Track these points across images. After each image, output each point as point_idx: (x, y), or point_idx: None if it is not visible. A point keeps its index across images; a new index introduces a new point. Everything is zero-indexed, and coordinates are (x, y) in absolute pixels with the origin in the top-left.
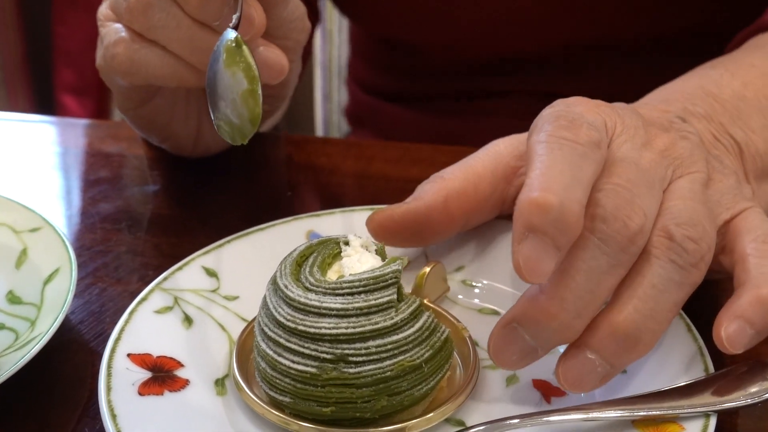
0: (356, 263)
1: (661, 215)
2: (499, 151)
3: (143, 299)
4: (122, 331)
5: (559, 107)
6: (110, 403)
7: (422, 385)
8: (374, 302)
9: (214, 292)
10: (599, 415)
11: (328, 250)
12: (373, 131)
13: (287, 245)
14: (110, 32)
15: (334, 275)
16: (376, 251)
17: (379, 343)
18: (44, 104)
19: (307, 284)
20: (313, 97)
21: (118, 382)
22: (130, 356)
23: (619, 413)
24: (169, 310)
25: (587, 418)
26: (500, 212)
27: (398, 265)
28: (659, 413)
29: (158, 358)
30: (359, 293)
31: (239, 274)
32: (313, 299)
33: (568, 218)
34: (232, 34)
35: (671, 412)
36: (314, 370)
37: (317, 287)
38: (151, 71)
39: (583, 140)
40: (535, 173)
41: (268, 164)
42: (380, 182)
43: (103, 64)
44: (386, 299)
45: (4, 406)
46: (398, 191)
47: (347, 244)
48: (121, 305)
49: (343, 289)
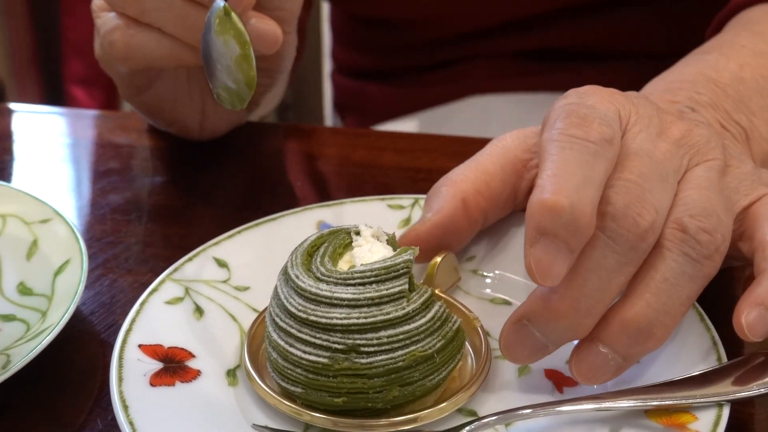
0: (367, 253)
1: (675, 206)
2: (506, 145)
3: (154, 290)
4: (133, 321)
5: (571, 99)
6: (122, 394)
7: (434, 375)
8: (386, 292)
9: (225, 282)
10: (612, 404)
11: (339, 240)
12: (358, 116)
13: (297, 235)
14: (105, 21)
15: (345, 265)
16: (387, 241)
17: (390, 333)
18: (53, 96)
19: (318, 274)
20: (321, 87)
21: (129, 372)
22: (141, 347)
23: (631, 403)
24: (180, 300)
25: (600, 407)
26: (514, 207)
27: (409, 254)
28: (672, 403)
29: (169, 348)
30: (370, 283)
31: (250, 264)
32: (324, 289)
33: (579, 220)
34: (220, 3)
35: (684, 401)
36: (326, 360)
37: (328, 277)
38: (148, 54)
39: (594, 138)
40: (546, 174)
41: (277, 155)
42: (390, 172)
43: (101, 53)
44: (398, 289)
45: (15, 397)
46: (408, 181)
47: (358, 234)
48: (131, 296)
49: (354, 279)
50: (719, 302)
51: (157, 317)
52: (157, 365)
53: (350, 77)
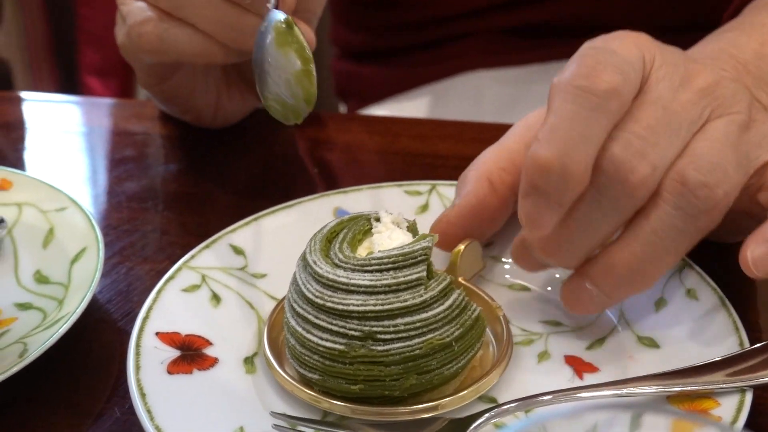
0: (386, 240)
1: (681, 157)
2: (528, 123)
3: (171, 278)
4: (150, 309)
5: (594, 43)
6: (139, 381)
7: (452, 363)
8: (403, 279)
9: (242, 270)
10: (633, 390)
11: (358, 226)
12: (358, 100)
13: (314, 222)
14: (134, 11)
15: (364, 252)
16: (407, 228)
17: (407, 320)
18: (69, 86)
19: (336, 260)
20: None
21: (146, 360)
22: (158, 335)
23: (653, 389)
24: (196, 288)
25: (620, 394)
26: None
27: (428, 242)
28: (694, 388)
29: (187, 336)
30: (388, 270)
31: (267, 251)
32: (341, 276)
33: (569, 179)
34: (280, 15)
35: (706, 387)
36: (342, 347)
37: (346, 264)
38: (180, 49)
39: (599, 90)
40: (545, 128)
41: (293, 142)
42: (407, 158)
43: (127, 42)
44: (415, 276)
45: (32, 386)
46: (426, 167)
47: (378, 220)
48: (148, 284)
49: (371, 265)
50: (741, 287)
51: (174, 305)
52: (174, 353)
53: (348, 60)
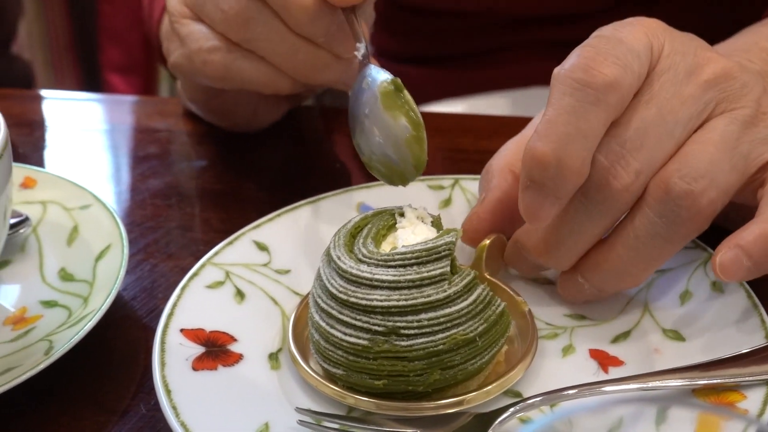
0: (410, 235)
1: (671, 161)
2: None
3: (195, 274)
4: (175, 306)
5: (602, 31)
6: (165, 378)
7: (476, 359)
8: (426, 274)
9: (265, 266)
10: (658, 384)
11: (382, 221)
12: None
13: (338, 217)
14: (197, 36)
15: (388, 247)
16: (432, 223)
17: (431, 316)
18: (91, 84)
19: (359, 256)
20: None
21: (171, 357)
22: (183, 331)
23: (679, 382)
24: (220, 284)
25: (646, 387)
26: None
27: (452, 236)
28: (720, 381)
29: (211, 332)
30: (411, 265)
31: (290, 247)
32: (365, 271)
33: (565, 174)
34: (383, 73)
35: (732, 380)
36: (366, 342)
37: (369, 259)
38: (246, 79)
39: (597, 83)
40: (542, 121)
41: (316, 137)
42: (430, 152)
43: (186, 64)
44: (439, 271)
45: (58, 383)
46: (448, 161)
47: (402, 215)
48: (172, 281)
49: (395, 260)
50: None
51: (198, 301)
52: (199, 349)
53: (390, 60)
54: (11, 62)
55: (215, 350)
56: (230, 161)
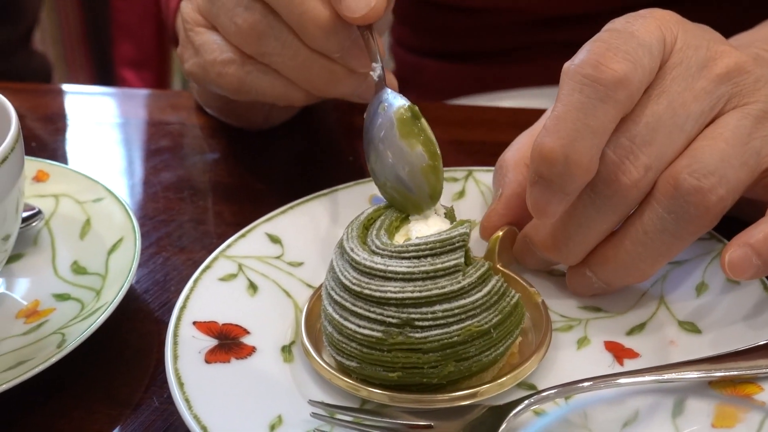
0: (424, 226)
1: (680, 158)
2: None
3: (207, 267)
4: (187, 299)
5: (615, 24)
6: (177, 371)
7: (491, 350)
8: (441, 266)
9: (278, 258)
10: (674, 376)
11: (395, 213)
12: (417, 90)
13: (350, 210)
14: (212, 47)
15: (401, 239)
16: (445, 214)
17: (445, 307)
18: (104, 79)
19: (373, 247)
20: None
21: (184, 350)
22: (195, 324)
23: (695, 374)
24: (233, 277)
25: (662, 379)
26: None
27: (466, 228)
28: (737, 373)
29: (224, 325)
30: (425, 256)
31: (303, 239)
32: (378, 263)
33: (574, 171)
34: (400, 99)
35: (749, 372)
36: (380, 334)
37: (383, 250)
38: (260, 92)
39: (606, 79)
40: (551, 117)
41: (328, 130)
42: (444, 145)
43: (200, 74)
44: (453, 263)
45: (71, 376)
46: (463, 154)
47: None
48: (185, 274)
49: (409, 252)
50: None
51: (210, 294)
52: (211, 342)
53: (410, 52)
54: (30, 57)
55: (228, 343)
56: (242, 154)
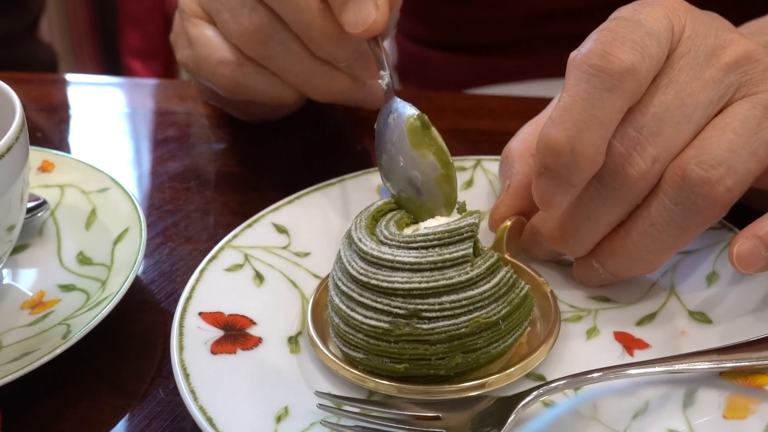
0: (433, 219)
1: (688, 148)
2: None
3: (213, 257)
4: (193, 289)
5: (622, 13)
6: (183, 362)
7: (499, 342)
8: (449, 256)
9: (285, 248)
10: (685, 367)
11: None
12: (421, 81)
13: (357, 200)
14: (207, 42)
15: (410, 231)
16: (457, 209)
17: (453, 298)
18: (111, 69)
19: (381, 237)
20: None
21: (190, 341)
22: (201, 315)
23: (706, 365)
24: (239, 267)
25: (672, 370)
26: None
27: (475, 218)
28: (748, 364)
29: (230, 316)
30: (433, 247)
31: (310, 229)
32: (386, 253)
33: (580, 162)
34: (409, 108)
35: (761, 362)
36: (387, 325)
37: (391, 241)
38: (255, 91)
39: (613, 69)
40: (557, 107)
41: (335, 119)
42: (451, 134)
43: (192, 66)
44: (461, 253)
45: (77, 367)
46: (469, 143)
47: None
48: (191, 264)
49: (417, 242)
50: None
51: (217, 285)
52: (217, 333)
53: (414, 43)
54: (36, 46)
55: (234, 334)
56: (249, 144)
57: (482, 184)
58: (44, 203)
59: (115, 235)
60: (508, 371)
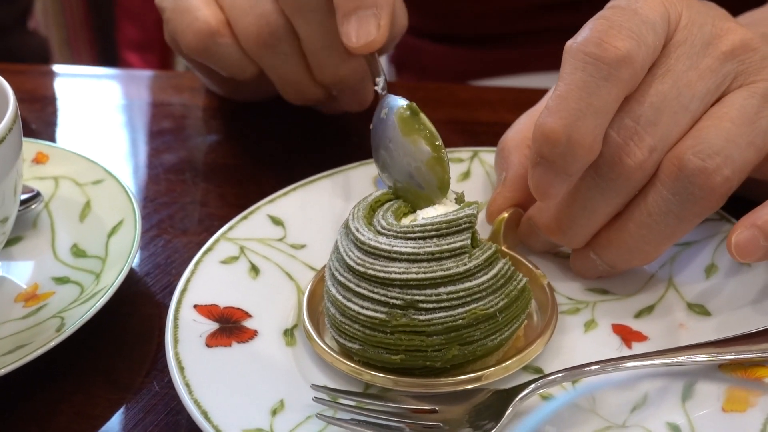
0: (432, 211)
1: (685, 138)
2: None
3: (209, 249)
4: (188, 282)
5: (618, 2)
6: (178, 355)
7: (496, 335)
8: (446, 247)
9: (280, 240)
10: (683, 359)
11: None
12: (416, 73)
13: (353, 191)
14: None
15: (407, 221)
16: (456, 200)
17: (450, 289)
18: (107, 62)
19: (378, 228)
20: None
21: (185, 334)
22: (196, 307)
23: (705, 357)
24: (235, 260)
25: (671, 363)
26: None
27: (473, 209)
28: (747, 356)
29: (225, 308)
30: (431, 237)
31: (306, 221)
32: (383, 243)
33: (576, 151)
34: (401, 100)
35: (760, 355)
36: (383, 316)
37: (389, 231)
38: (217, 63)
39: (610, 58)
40: (553, 96)
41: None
42: (449, 126)
43: (170, 13)
44: (459, 244)
45: (70, 360)
46: (466, 134)
47: None
48: (187, 256)
49: (414, 233)
50: None
51: (212, 277)
52: (213, 326)
53: (409, 34)
54: (27, 37)
55: (229, 326)
56: (245, 135)
57: (479, 175)
58: (38, 195)
59: (109, 227)
60: (505, 364)
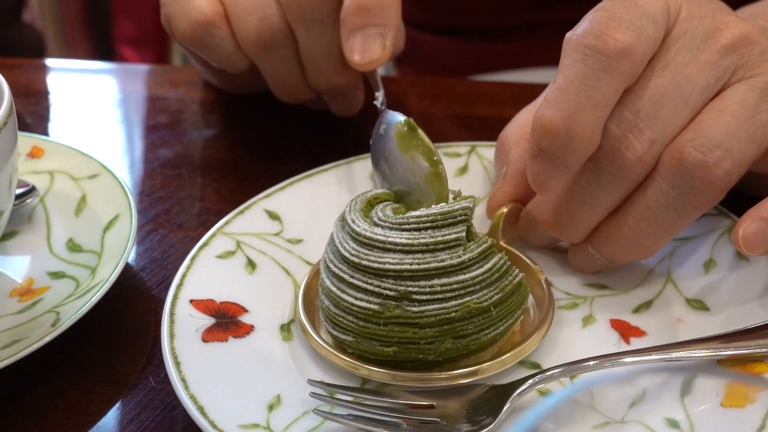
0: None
1: (685, 131)
2: None
3: (205, 244)
4: (184, 277)
5: None
6: (174, 350)
7: (490, 329)
8: (441, 239)
9: (277, 235)
10: (682, 354)
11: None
12: (415, 66)
13: (350, 186)
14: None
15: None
16: (454, 198)
17: (444, 282)
18: (104, 57)
19: (375, 219)
20: None
21: (181, 329)
22: (192, 302)
23: (703, 353)
24: (231, 254)
25: (669, 358)
26: None
27: (469, 202)
28: (746, 352)
29: (222, 303)
30: (426, 229)
31: (302, 216)
32: (378, 233)
33: (575, 143)
34: (398, 116)
35: (759, 350)
36: (377, 307)
37: (384, 222)
38: (209, 54)
39: (610, 50)
40: (552, 88)
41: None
42: (447, 121)
43: (166, 25)
44: (454, 236)
45: (67, 355)
46: (465, 129)
47: None
48: (183, 251)
49: (409, 224)
50: None
51: (208, 272)
52: (209, 320)
53: (408, 26)
54: (22, 30)
55: (226, 321)
56: (241, 130)
57: (477, 170)
58: (33, 189)
59: (105, 221)
60: (501, 358)
